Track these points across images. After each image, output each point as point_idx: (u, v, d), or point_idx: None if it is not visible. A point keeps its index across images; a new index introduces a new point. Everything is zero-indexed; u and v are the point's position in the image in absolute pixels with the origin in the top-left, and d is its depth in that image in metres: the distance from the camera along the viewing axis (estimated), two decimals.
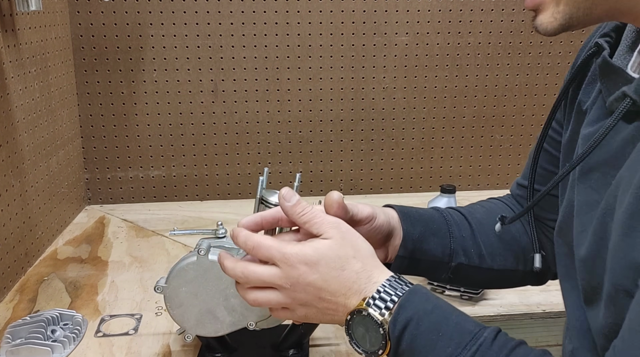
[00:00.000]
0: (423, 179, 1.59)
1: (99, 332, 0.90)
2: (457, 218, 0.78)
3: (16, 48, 1.07)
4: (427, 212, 0.77)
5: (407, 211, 0.75)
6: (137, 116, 1.45)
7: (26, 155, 1.12)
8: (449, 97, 1.54)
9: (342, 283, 0.59)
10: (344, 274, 0.59)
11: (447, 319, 0.55)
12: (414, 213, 0.76)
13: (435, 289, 1.02)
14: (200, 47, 1.42)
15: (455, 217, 0.78)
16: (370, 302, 0.57)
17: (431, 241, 0.74)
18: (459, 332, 0.54)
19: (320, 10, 1.44)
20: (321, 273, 0.59)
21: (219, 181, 1.52)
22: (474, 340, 0.53)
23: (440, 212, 0.78)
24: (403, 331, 0.55)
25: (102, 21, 1.37)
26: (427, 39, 1.49)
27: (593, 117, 0.61)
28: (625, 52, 0.57)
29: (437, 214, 0.77)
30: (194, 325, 0.76)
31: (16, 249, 1.07)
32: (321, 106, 1.50)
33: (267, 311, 0.75)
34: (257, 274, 0.61)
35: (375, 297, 0.57)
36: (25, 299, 1.00)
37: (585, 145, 0.56)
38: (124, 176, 1.49)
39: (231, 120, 1.48)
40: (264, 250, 0.60)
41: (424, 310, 0.56)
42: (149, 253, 1.20)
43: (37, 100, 1.17)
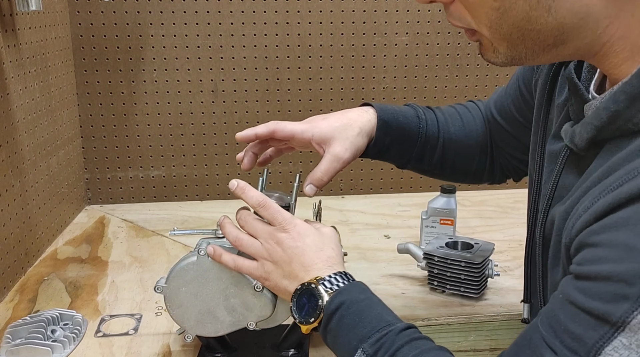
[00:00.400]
0: (423, 179, 1.59)
1: (99, 332, 0.90)
2: (428, 112, 0.89)
3: (16, 48, 1.07)
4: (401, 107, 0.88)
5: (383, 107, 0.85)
6: (137, 116, 1.45)
7: (26, 155, 1.12)
8: (449, 97, 1.54)
9: (314, 259, 0.70)
10: (319, 253, 0.71)
11: (372, 308, 0.66)
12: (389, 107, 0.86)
13: (435, 289, 1.02)
14: (200, 47, 1.42)
15: (427, 112, 0.88)
16: (320, 280, 0.68)
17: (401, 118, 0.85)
18: (377, 320, 0.64)
19: (320, 10, 1.44)
20: (304, 244, 0.71)
21: (219, 181, 1.52)
22: (386, 327, 0.63)
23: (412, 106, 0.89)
24: (335, 311, 0.65)
25: (102, 21, 1.37)
26: (427, 39, 1.49)
27: (558, 129, 0.65)
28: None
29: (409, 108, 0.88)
30: (193, 325, 0.76)
31: (16, 249, 1.07)
32: (321, 106, 1.50)
33: (268, 311, 0.76)
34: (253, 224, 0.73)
35: (326, 279, 0.68)
36: (25, 299, 1.00)
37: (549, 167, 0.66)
38: (124, 176, 1.49)
39: (231, 120, 1.48)
40: (271, 210, 0.72)
41: (356, 298, 0.66)
42: (149, 253, 1.20)
43: (37, 100, 1.17)
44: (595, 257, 0.45)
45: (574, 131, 0.56)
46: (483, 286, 1.00)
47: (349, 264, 1.14)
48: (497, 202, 1.52)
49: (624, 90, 0.49)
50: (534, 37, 0.52)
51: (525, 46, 0.53)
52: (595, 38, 0.50)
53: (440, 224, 1.15)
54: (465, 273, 0.97)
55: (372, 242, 1.26)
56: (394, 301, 0.99)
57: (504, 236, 1.28)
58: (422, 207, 1.20)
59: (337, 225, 1.32)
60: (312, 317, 0.67)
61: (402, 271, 1.11)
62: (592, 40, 0.51)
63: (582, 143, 0.55)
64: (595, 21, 0.49)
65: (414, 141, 0.86)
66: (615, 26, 0.49)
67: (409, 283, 1.06)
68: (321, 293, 0.67)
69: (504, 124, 0.85)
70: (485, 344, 0.96)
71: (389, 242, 1.25)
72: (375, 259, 1.17)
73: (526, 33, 0.52)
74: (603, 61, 0.53)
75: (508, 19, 0.51)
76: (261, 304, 0.75)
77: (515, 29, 0.52)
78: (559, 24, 0.50)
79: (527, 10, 0.50)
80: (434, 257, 0.99)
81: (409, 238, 1.26)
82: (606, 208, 0.45)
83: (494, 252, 1.01)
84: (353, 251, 1.19)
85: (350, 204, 1.50)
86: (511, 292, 1.02)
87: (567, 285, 0.48)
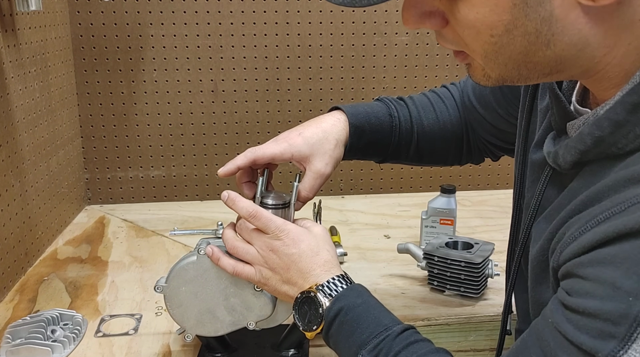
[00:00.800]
0: (423, 179, 1.59)
1: (99, 332, 0.90)
2: (398, 105, 0.88)
3: (16, 48, 1.07)
4: (371, 104, 0.88)
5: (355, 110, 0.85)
6: (137, 116, 1.45)
7: (26, 155, 1.12)
8: None
9: (310, 264, 0.71)
10: (315, 258, 0.71)
11: (369, 312, 0.66)
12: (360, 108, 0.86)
13: (435, 289, 1.02)
14: (200, 47, 1.42)
15: (397, 105, 0.88)
16: (319, 287, 0.69)
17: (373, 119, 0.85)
18: (375, 324, 0.64)
19: (320, 10, 1.44)
20: (300, 250, 0.71)
21: (219, 181, 1.52)
22: (384, 332, 0.63)
23: (383, 101, 0.89)
24: (335, 317, 0.67)
25: (102, 21, 1.37)
26: (427, 39, 1.49)
27: (540, 138, 0.66)
28: None
29: (380, 103, 0.88)
30: (193, 325, 0.76)
31: (16, 249, 1.07)
32: (321, 106, 1.50)
33: (268, 311, 0.76)
34: (249, 231, 0.74)
35: (324, 285, 0.69)
36: (25, 299, 1.00)
37: (531, 177, 0.67)
38: (124, 176, 1.48)
39: (231, 120, 1.48)
40: (263, 220, 0.73)
41: (354, 303, 0.67)
42: (149, 253, 1.20)
43: (37, 100, 1.17)
44: (583, 290, 0.45)
45: (557, 153, 0.57)
46: (483, 286, 1.00)
47: (349, 264, 1.14)
48: (497, 202, 1.52)
49: (608, 117, 0.50)
50: (530, 68, 0.52)
51: (519, 73, 0.53)
52: (592, 66, 0.50)
53: (440, 224, 1.15)
54: (465, 273, 0.97)
55: (372, 242, 1.26)
56: (394, 301, 0.99)
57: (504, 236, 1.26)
58: (422, 207, 1.20)
59: (337, 225, 1.32)
60: (314, 324, 0.69)
61: (402, 271, 1.11)
62: (588, 68, 0.51)
63: (566, 165, 0.56)
64: (592, 51, 0.49)
65: (388, 140, 0.86)
66: (612, 55, 0.49)
67: (409, 283, 1.06)
68: (320, 300, 0.68)
69: (482, 112, 0.85)
70: (485, 344, 0.96)
71: (389, 242, 1.25)
72: (375, 259, 1.17)
73: (522, 64, 0.51)
74: (595, 84, 0.53)
75: (505, 53, 0.51)
76: (261, 303, 0.75)
77: (511, 61, 0.51)
78: (557, 56, 0.50)
79: (525, 45, 0.49)
80: (434, 257, 0.99)
81: (409, 238, 1.26)
82: (594, 242, 0.45)
83: (494, 252, 1.01)
84: (353, 251, 1.19)
85: (350, 204, 1.50)
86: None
87: (557, 312, 0.48)
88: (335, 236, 1.24)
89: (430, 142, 0.88)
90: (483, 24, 0.49)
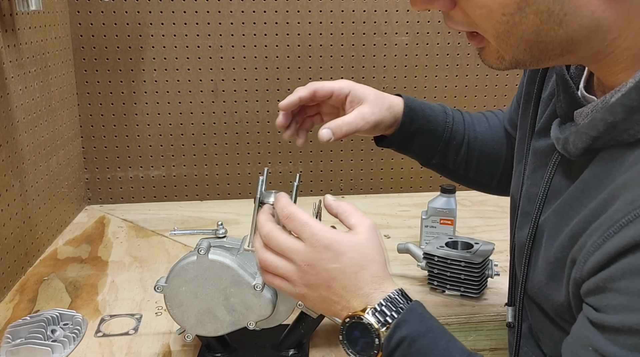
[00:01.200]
0: (423, 179, 1.59)
1: (99, 332, 0.90)
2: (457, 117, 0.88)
3: (16, 48, 1.07)
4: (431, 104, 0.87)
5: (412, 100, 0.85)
6: (137, 116, 1.45)
7: (26, 155, 1.12)
8: (449, 97, 1.54)
9: (357, 281, 0.61)
10: (362, 273, 0.61)
11: (437, 344, 0.58)
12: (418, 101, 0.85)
13: (435, 289, 1.02)
14: (200, 47, 1.42)
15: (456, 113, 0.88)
16: (371, 311, 0.59)
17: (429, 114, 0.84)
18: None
19: (320, 10, 1.44)
20: (342, 264, 0.61)
21: (219, 181, 1.52)
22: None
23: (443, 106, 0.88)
24: (396, 348, 0.58)
25: (102, 21, 1.37)
26: (427, 39, 1.49)
27: (543, 125, 0.65)
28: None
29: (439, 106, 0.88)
30: (193, 325, 0.76)
31: (16, 249, 1.07)
32: None
33: (268, 311, 0.76)
34: (278, 241, 0.64)
35: (377, 309, 0.59)
36: (25, 299, 1.00)
37: (532, 165, 0.66)
38: (124, 176, 1.49)
39: (231, 120, 1.48)
40: (297, 223, 0.63)
41: (418, 332, 0.58)
42: (149, 253, 1.20)
43: (37, 100, 1.17)
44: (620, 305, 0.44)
45: (567, 140, 0.56)
46: (483, 286, 1.00)
47: None
48: (497, 202, 1.52)
49: (622, 102, 0.49)
50: (542, 48, 0.51)
51: (531, 55, 0.52)
52: (602, 49, 0.50)
53: (440, 224, 1.15)
54: (465, 273, 0.97)
55: None
56: None
57: (504, 236, 1.27)
58: (422, 207, 1.20)
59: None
60: (368, 354, 0.60)
61: (402, 271, 1.11)
62: (599, 50, 0.51)
63: (576, 151, 0.55)
64: (604, 33, 0.49)
65: (440, 135, 0.85)
66: (622, 38, 0.49)
67: (409, 283, 1.06)
68: (375, 328, 0.59)
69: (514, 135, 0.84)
70: (485, 344, 0.96)
71: (389, 242, 1.25)
72: None
73: (534, 45, 0.51)
74: (603, 69, 0.53)
75: (517, 33, 0.50)
76: (261, 303, 0.75)
77: (523, 41, 0.51)
78: (569, 36, 0.50)
79: (537, 24, 0.49)
80: (434, 257, 0.99)
81: (409, 238, 1.26)
82: (619, 249, 0.44)
83: (494, 252, 1.01)
84: None
85: None
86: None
87: (587, 329, 0.47)
88: None
89: (480, 150, 0.87)
90: (495, 3, 0.49)
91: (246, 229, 0.78)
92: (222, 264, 0.74)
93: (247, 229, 0.78)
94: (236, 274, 0.75)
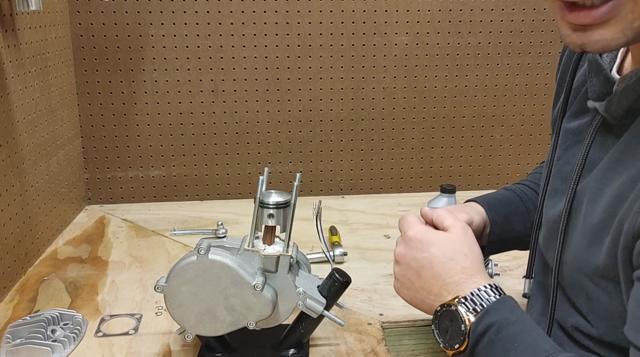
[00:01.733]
0: (423, 179, 1.59)
1: (99, 332, 0.90)
2: (529, 193, 0.86)
3: (16, 48, 1.07)
4: (504, 196, 0.86)
5: (489, 201, 0.83)
6: (137, 116, 1.45)
7: (26, 155, 1.12)
8: (449, 97, 1.54)
9: (445, 271, 0.63)
10: (450, 263, 0.64)
11: (526, 333, 0.57)
12: (495, 201, 0.84)
13: None
14: (200, 47, 1.42)
15: (527, 192, 0.86)
16: (461, 300, 0.60)
17: (513, 220, 0.82)
18: (533, 348, 0.56)
19: (320, 10, 1.44)
20: (430, 254, 0.65)
21: (219, 181, 1.52)
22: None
23: (513, 191, 0.86)
24: (483, 334, 0.58)
25: (102, 21, 1.37)
26: (427, 39, 1.49)
27: (575, 109, 0.66)
28: None
29: (512, 195, 0.86)
30: (194, 324, 0.76)
31: (16, 249, 1.07)
32: (321, 106, 1.50)
33: (268, 311, 0.76)
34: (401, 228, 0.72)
35: (467, 298, 0.60)
36: (25, 299, 1.00)
37: (563, 145, 0.65)
38: (124, 176, 1.49)
39: (231, 120, 1.48)
40: (403, 221, 0.71)
41: (507, 320, 0.58)
42: (149, 253, 1.20)
43: (37, 100, 1.17)
44: None
45: (611, 100, 0.56)
46: None
47: (349, 264, 1.14)
48: None
49: None
50: None
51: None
52: None
53: None
54: None
55: (372, 242, 1.26)
56: (394, 301, 0.99)
57: None
58: (422, 207, 1.20)
59: (337, 225, 1.32)
60: (456, 342, 0.61)
61: None
62: None
63: (620, 111, 0.55)
64: None
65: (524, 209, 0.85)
66: None
67: None
68: (463, 316, 0.60)
69: None
70: None
71: (389, 242, 1.25)
72: (375, 259, 1.17)
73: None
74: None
75: None
76: (261, 303, 0.75)
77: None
78: None
79: None
80: None
81: None
82: None
83: None
84: (353, 251, 1.19)
85: (350, 204, 1.50)
86: (511, 292, 1.01)
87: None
88: (335, 236, 1.24)
89: None
90: None
91: (246, 229, 0.78)
92: (222, 264, 0.74)
93: (247, 229, 0.78)
94: (236, 274, 0.75)
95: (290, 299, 0.77)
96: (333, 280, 0.79)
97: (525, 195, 0.86)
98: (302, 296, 0.77)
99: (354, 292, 1.02)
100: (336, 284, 0.79)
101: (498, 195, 0.86)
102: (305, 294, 0.77)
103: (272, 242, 0.78)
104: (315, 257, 1.13)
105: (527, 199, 0.85)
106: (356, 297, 1.01)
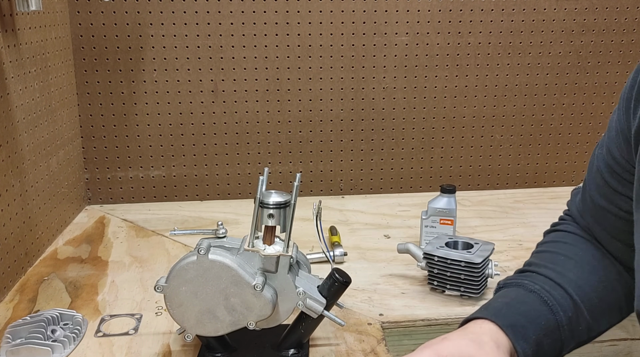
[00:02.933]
0: (423, 179, 1.59)
1: (99, 332, 0.90)
2: (558, 296, 0.71)
3: (16, 48, 1.07)
4: (530, 309, 0.70)
5: (513, 324, 0.67)
6: (137, 116, 1.45)
7: (26, 155, 1.12)
8: (449, 97, 1.54)
9: None
10: None
11: None
12: (520, 321, 0.68)
13: (435, 289, 1.02)
14: (200, 47, 1.42)
15: (556, 294, 0.71)
16: None
17: (545, 344, 0.68)
18: None
19: (320, 10, 1.44)
20: None
21: (219, 181, 1.52)
22: None
23: (541, 297, 0.71)
24: None
25: (102, 21, 1.37)
26: (427, 39, 1.49)
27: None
28: None
29: (540, 304, 0.70)
30: (193, 324, 0.76)
31: (16, 249, 1.07)
32: (321, 106, 1.50)
33: (268, 311, 0.76)
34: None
35: None
36: (25, 299, 1.00)
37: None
38: (124, 176, 1.49)
39: (231, 120, 1.48)
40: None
41: None
42: (149, 253, 1.20)
43: (37, 100, 1.17)
44: None
45: None
46: (483, 286, 1.00)
47: (349, 264, 1.14)
48: (497, 202, 1.52)
49: None
50: None
51: None
52: None
53: (440, 224, 1.15)
54: (465, 273, 0.97)
55: (372, 242, 1.26)
56: (394, 301, 1.00)
57: (504, 236, 1.28)
58: (422, 207, 1.20)
59: (337, 225, 1.32)
60: None
61: (402, 271, 1.11)
62: None
63: None
64: None
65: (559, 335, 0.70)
66: None
67: (409, 283, 1.06)
68: None
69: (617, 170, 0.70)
70: None
71: (389, 242, 1.25)
72: (375, 259, 1.17)
73: None
74: None
75: None
76: (261, 303, 0.75)
77: None
78: None
79: None
80: (434, 257, 0.99)
81: (409, 238, 1.26)
82: None
83: (494, 252, 1.01)
84: (353, 251, 1.19)
85: (350, 204, 1.50)
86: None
87: None
88: (335, 236, 1.24)
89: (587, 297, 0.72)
90: None
91: (246, 229, 0.79)
92: (222, 264, 0.74)
93: (247, 229, 0.78)
94: (236, 274, 0.75)
95: (290, 299, 0.77)
96: (333, 280, 0.79)
97: (554, 299, 0.71)
98: (302, 296, 0.77)
99: (354, 292, 1.02)
100: (336, 284, 0.79)
101: (521, 306, 0.70)
102: (305, 294, 0.77)
103: (272, 242, 0.78)
104: (315, 257, 1.13)
105: (556, 308, 0.70)
106: (356, 297, 1.01)
